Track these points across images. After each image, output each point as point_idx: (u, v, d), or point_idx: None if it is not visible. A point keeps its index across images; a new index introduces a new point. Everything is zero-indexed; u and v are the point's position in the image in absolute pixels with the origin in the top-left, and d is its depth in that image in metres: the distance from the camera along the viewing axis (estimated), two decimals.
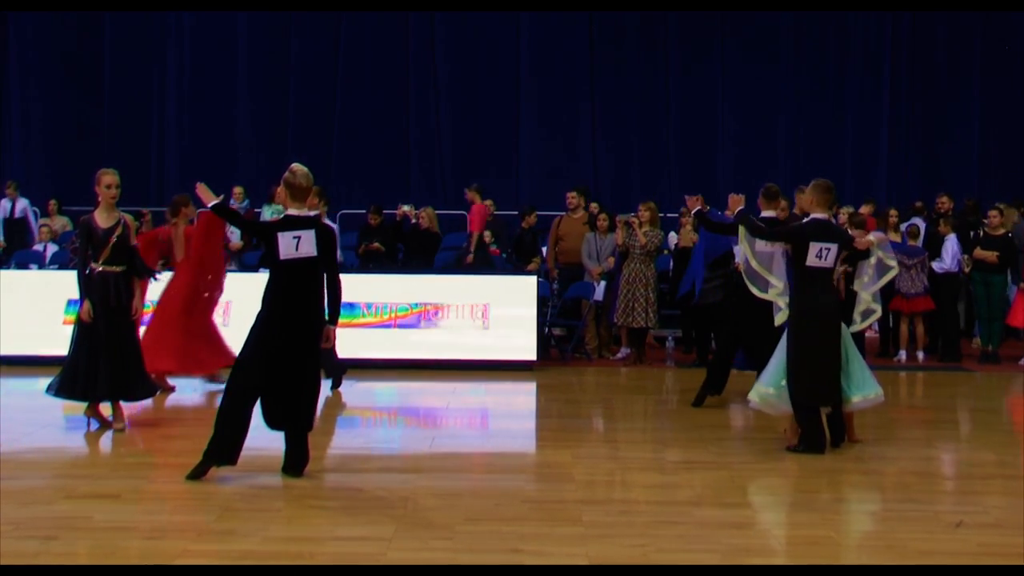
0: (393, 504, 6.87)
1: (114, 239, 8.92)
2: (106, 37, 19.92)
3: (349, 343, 11.57)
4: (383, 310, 13.25)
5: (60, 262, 14.92)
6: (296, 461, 7.51)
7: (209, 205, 7.88)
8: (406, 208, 16.33)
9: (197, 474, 7.32)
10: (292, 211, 7.54)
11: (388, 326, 13.22)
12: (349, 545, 5.96)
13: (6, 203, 17.22)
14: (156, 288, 10.41)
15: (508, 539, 6.09)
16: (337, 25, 20.01)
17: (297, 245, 7.39)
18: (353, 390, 11.37)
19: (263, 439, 7.59)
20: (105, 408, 9.21)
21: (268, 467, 7.57)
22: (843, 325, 8.62)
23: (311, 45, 20.01)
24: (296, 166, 7.60)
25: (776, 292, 8.83)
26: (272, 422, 7.51)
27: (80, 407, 9.24)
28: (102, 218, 9.02)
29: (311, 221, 7.56)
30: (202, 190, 7.94)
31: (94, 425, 9.16)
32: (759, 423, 9.59)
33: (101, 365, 8.82)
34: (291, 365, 7.39)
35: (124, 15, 19.65)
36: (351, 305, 13.14)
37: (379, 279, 13.67)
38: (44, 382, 11.43)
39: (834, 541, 6.25)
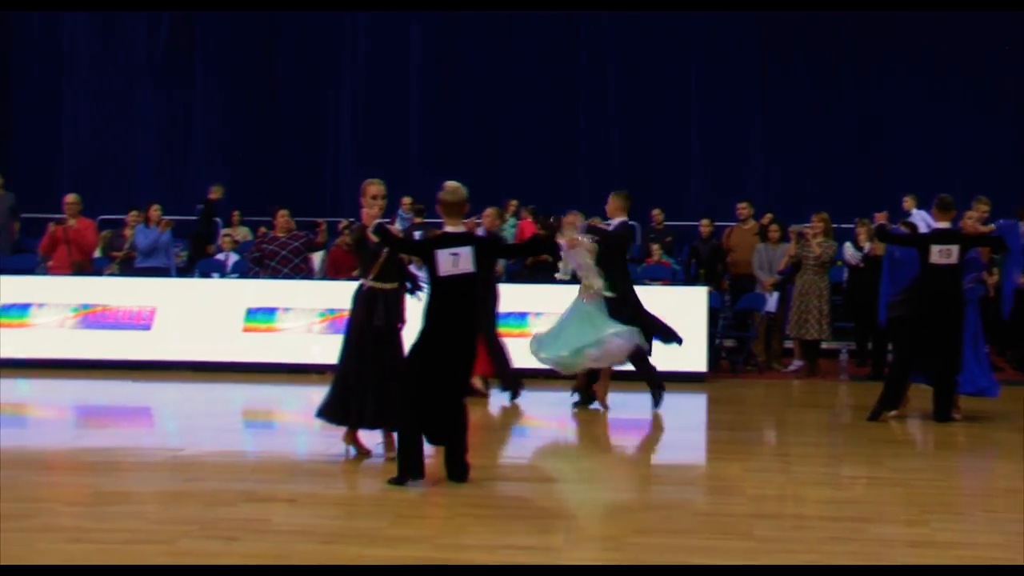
0: (562, 514, 6.89)
1: (384, 253, 8.12)
2: (281, 53, 20.44)
3: (519, 352, 11.65)
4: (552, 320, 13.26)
5: (240, 271, 15.38)
6: (459, 468, 7.57)
7: (370, 229, 7.88)
8: (569, 216, 16.30)
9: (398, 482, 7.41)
10: (449, 228, 7.62)
11: None
12: (519, 554, 5.99)
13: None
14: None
15: (677, 552, 6.04)
16: (508, 32, 20.14)
17: (456, 262, 7.46)
18: (522, 400, 11.42)
19: (429, 447, 7.68)
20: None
21: (434, 475, 7.67)
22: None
23: (481, 53, 20.19)
24: (450, 183, 7.66)
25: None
26: (433, 437, 7.58)
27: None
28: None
29: (469, 237, 7.62)
30: (367, 216, 8.01)
31: (351, 453, 8.39)
32: (938, 438, 9.34)
33: (369, 390, 8.07)
34: (451, 379, 7.47)
35: (300, 32, 20.14)
36: (521, 315, 13.24)
37: (548, 289, 13.70)
38: (224, 387, 11.86)
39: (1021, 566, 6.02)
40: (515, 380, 11.28)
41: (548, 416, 11.21)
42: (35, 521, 6.48)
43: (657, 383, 10.91)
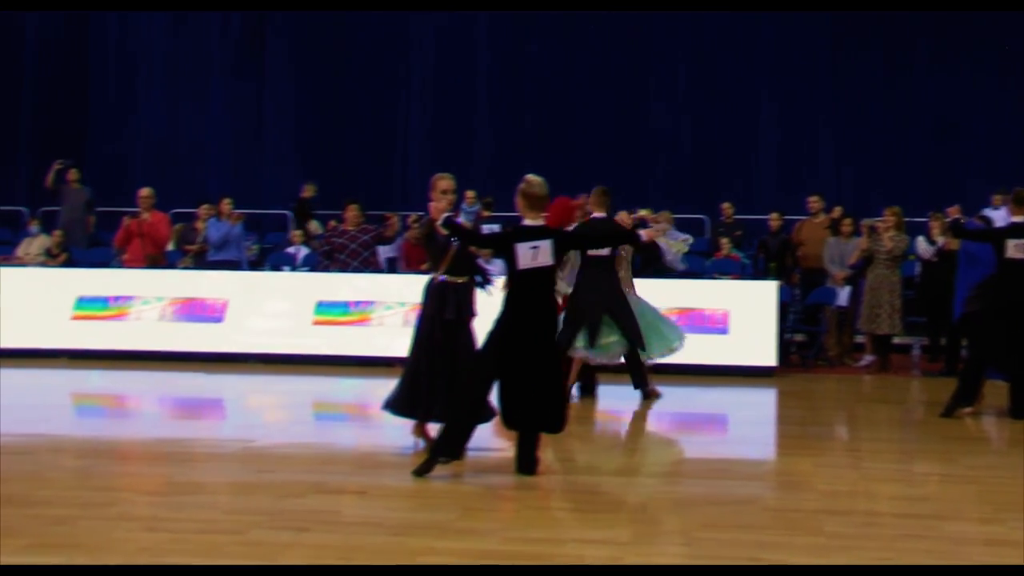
0: (630, 508, 6.88)
1: (454, 247, 8.14)
2: (351, 48, 20.56)
3: None
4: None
5: (311, 264, 15.52)
6: (529, 461, 7.60)
7: (439, 222, 7.90)
8: (643, 212, 16.29)
9: (424, 470, 7.47)
10: (528, 221, 7.64)
11: None
12: (587, 548, 5.99)
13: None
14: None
15: (747, 547, 6.01)
16: (575, 29, 20.12)
17: (535, 255, 7.49)
18: (598, 393, 11.41)
19: (496, 439, 7.71)
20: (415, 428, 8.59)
21: (502, 467, 7.70)
22: None
23: (549, 50, 20.17)
24: (531, 176, 7.68)
25: None
26: (511, 423, 7.64)
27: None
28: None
29: (547, 230, 7.65)
30: (435, 209, 8.01)
31: (420, 445, 8.34)
32: (1013, 435, 9.20)
33: (438, 384, 8.07)
34: (529, 369, 7.50)
35: (369, 27, 20.24)
36: None
37: None
38: (295, 380, 11.98)
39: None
40: (590, 376, 11.28)
41: (617, 410, 11.20)
42: (112, 510, 6.60)
43: (643, 380, 10.92)
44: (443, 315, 8.07)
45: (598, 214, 10.54)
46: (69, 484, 7.34)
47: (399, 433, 8.66)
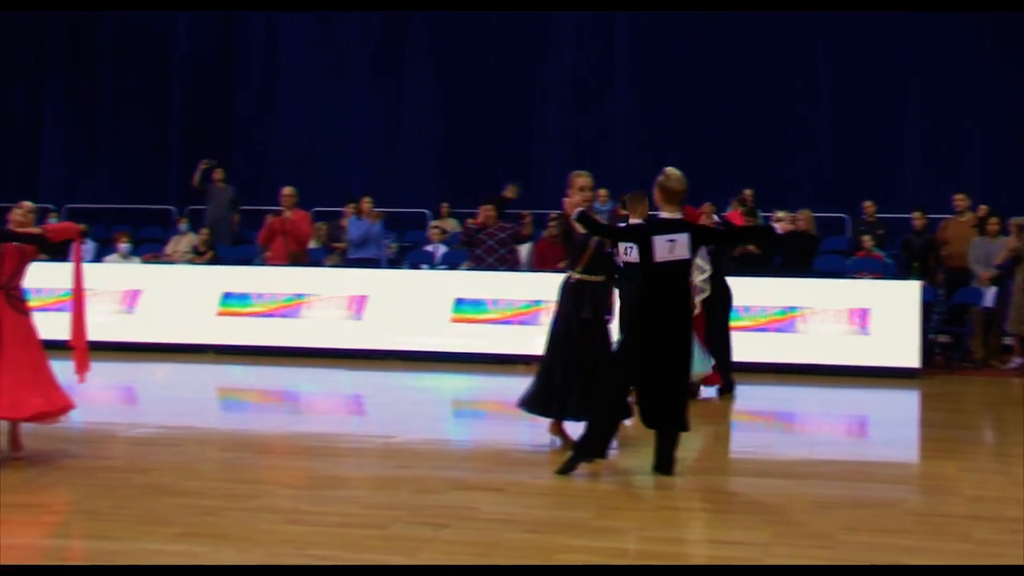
0: (769, 509, 6.80)
1: (593, 245, 8.13)
2: (490, 48, 20.66)
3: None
4: (759, 314, 13.13)
5: (449, 262, 15.67)
6: (667, 461, 7.58)
7: (572, 216, 7.89)
8: (780, 213, 16.07)
9: (567, 469, 7.50)
10: (664, 214, 7.61)
11: (764, 330, 13.09)
12: (725, 549, 5.95)
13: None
14: None
15: (891, 552, 5.90)
16: (714, 28, 19.93)
17: (672, 248, 7.46)
18: (732, 394, 11.31)
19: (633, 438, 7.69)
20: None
21: (640, 467, 7.68)
22: None
23: (687, 49, 20.03)
24: (670, 169, 7.67)
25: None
26: (648, 421, 7.62)
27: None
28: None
29: (684, 224, 7.62)
30: (569, 203, 8.03)
31: (557, 443, 8.38)
32: None
33: (573, 382, 8.06)
34: (665, 365, 7.48)
35: (508, 27, 20.32)
36: None
37: (754, 282, 13.54)
38: (433, 377, 12.12)
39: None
40: (730, 376, 11.17)
41: (756, 410, 11.08)
42: (257, 501, 6.76)
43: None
44: (580, 314, 8.08)
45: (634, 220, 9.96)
46: (216, 475, 7.55)
47: (536, 430, 8.70)
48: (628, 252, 8.33)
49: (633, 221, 9.04)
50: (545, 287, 11.38)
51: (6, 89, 21.32)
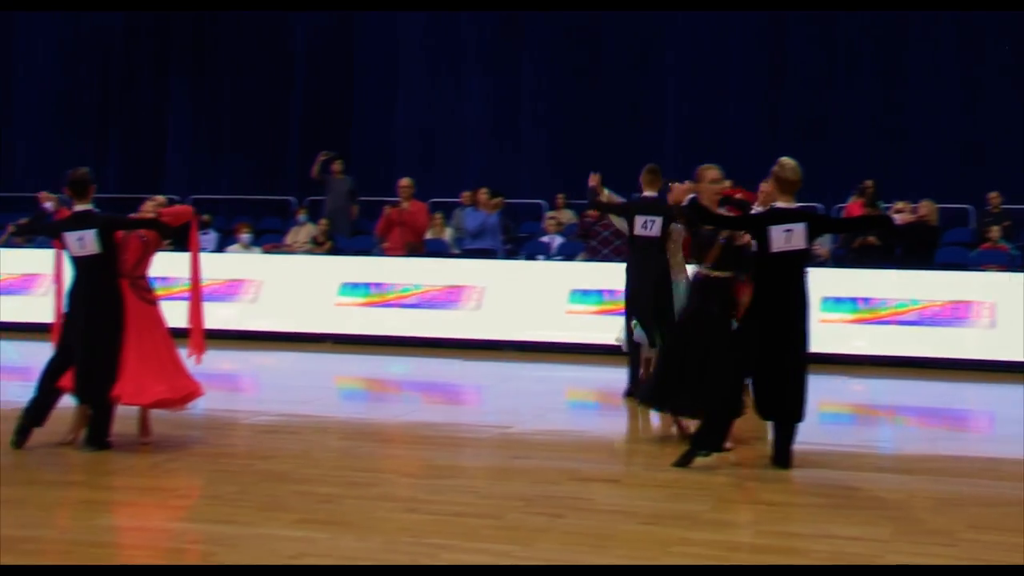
0: (889, 505, 6.70)
1: (722, 240, 7.97)
2: (605, 41, 20.57)
3: (840, 337, 11.36)
4: (879, 306, 12.92)
5: (565, 253, 15.66)
6: (784, 454, 7.50)
7: (683, 203, 7.94)
8: (900, 204, 15.76)
9: (684, 462, 7.46)
10: (780, 204, 7.54)
11: (885, 323, 12.87)
12: (844, 544, 5.86)
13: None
14: None
15: (1016, 551, 5.76)
16: (834, 23, 19.60)
17: (789, 238, 7.38)
18: (847, 387, 11.16)
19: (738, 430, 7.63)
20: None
21: (758, 460, 7.61)
22: None
23: (805, 44, 19.73)
24: (785, 160, 7.59)
25: None
26: (764, 412, 7.56)
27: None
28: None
29: (801, 213, 7.54)
30: (677, 190, 8.03)
31: (673, 435, 8.45)
32: None
33: (689, 377, 7.97)
34: (782, 355, 7.41)
35: (623, 19, 20.22)
36: (843, 300, 12.95)
37: (874, 275, 13.33)
38: (549, 367, 12.14)
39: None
40: None
41: (871, 404, 10.91)
42: (375, 490, 6.85)
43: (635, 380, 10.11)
44: (707, 309, 7.99)
45: (649, 193, 9.86)
46: (334, 464, 7.67)
47: (651, 423, 8.67)
48: (648, 226, 8.68)
49: (647, 193, 9.69)
50: None
51: (135, 89, 21.90)
